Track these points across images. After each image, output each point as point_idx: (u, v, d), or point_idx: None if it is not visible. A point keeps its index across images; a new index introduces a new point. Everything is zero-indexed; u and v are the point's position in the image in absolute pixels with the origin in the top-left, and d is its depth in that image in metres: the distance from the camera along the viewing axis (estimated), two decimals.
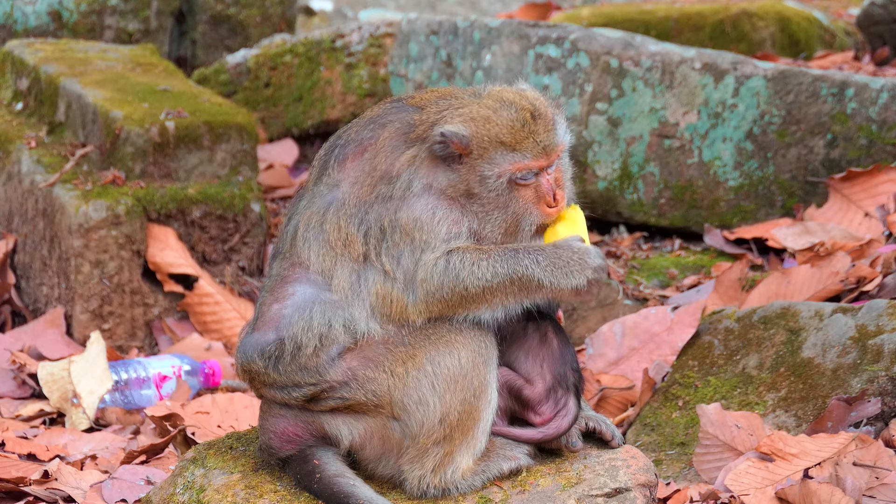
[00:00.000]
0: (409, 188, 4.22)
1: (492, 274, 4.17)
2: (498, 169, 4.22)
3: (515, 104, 4.26)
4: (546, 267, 4.17)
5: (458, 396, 4.16)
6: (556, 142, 4.26)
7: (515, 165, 4.22)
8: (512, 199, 4.24)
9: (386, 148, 4.27)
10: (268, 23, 9.59)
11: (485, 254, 4.18)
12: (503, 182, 4.22)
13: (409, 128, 4.29)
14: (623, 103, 7.21)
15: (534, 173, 4.24)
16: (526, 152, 4.22)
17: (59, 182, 7.00)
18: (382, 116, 4.37)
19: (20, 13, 9.13)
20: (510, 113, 4.24)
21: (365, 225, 4.22)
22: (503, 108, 4.25)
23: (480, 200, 4.24)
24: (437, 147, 4.21)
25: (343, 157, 4.32)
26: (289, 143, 8.47)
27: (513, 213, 4.25)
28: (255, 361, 4.26)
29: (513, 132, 4.22)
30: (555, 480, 4.28)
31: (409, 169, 4.23)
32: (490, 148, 4.22)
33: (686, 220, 7.21)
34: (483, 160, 4.22)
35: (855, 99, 6.94)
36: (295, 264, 4.29)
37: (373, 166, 4.26)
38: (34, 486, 5.13)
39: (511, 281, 4.17)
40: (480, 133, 4.22)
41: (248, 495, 4.28)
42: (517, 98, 4.28)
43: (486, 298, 4.18)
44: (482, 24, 7.60)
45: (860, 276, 5.95)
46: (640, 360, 5.89)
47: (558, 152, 4.27)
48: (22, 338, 6.81)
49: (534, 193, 4.26)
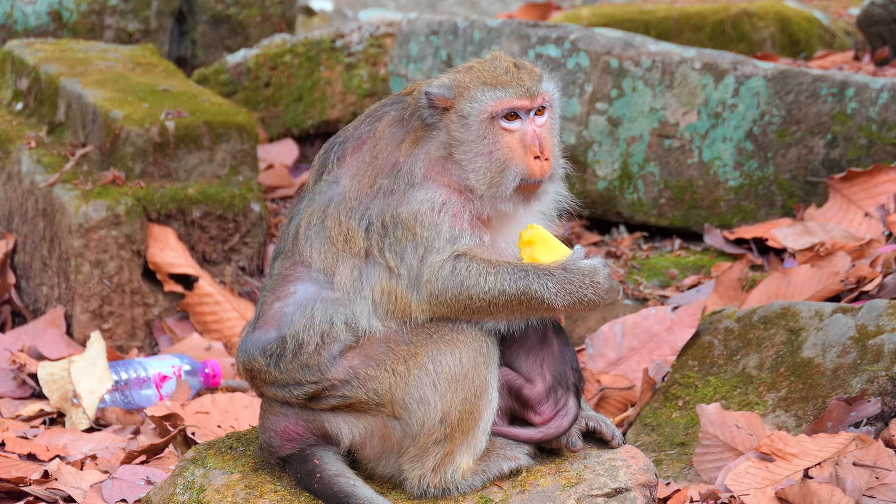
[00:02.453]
0: (410, 180, 4.21)
1: (499, 291, 4.15)
2: (479, 105, 4.19)
3: (500, 58, 4.28)
4: (557, 293, 4.15)
5: (459, 396, 4.16)
6: (539, 86, 4.23)
7: (498, 102, 4.18)
8: (496, 145, 4.20)
9: (385, 137, 4.27)
10: (268, 23, 9.59)
11: (493, 267, 4.16)
12: (485, 120, 4.18)
13: (404, 111, 4.29)
14: (623, 103, 7.21)
15: (519, 118, 4.20)
16: (508, 89, 4.19)
17: (59, 182, 7.00)
18: (379, 110, 4.38)
19: (20, 13, 9.13)
20: (494, 62, 4.27)
21: (366, 220, 4.22)
22: (487, 60, 4.28)
23: (464, 147, 4.20)
24: (425, 112, 4.21)
25: (342, 154, 4.32)
26: (289, 143, 8.47)
27: (496, 161, 4.20)
28: (257, 360, 4.26)
29: (495, 75, 4.21)
30: (555, 480, 4.28)
31: (411, 156, 4.23)
32: (472, 87, 4.20)
33: (686, 220, 7.21)
34: (464, 99, 4.19)
35: (855, 99, 6.94)
36: (297, 263, 4.29)
37: (373, 156, 4.26)
38: (34, 486, 5.13)
39: (519, 301, 4.16)
40: (462, 79, 4.23)
41: (248, 495, 4.28)
42: (503, 55, 4.30)
43: (492, 312, 4.17)
44: (482, 24, 7.60)
45: (860, 276, 5.95)
46: (640, 360, 5.89)
47: (543, 97, 4.23)
48: (22, 338, 6.81)
49: (519, 142, 4.21)
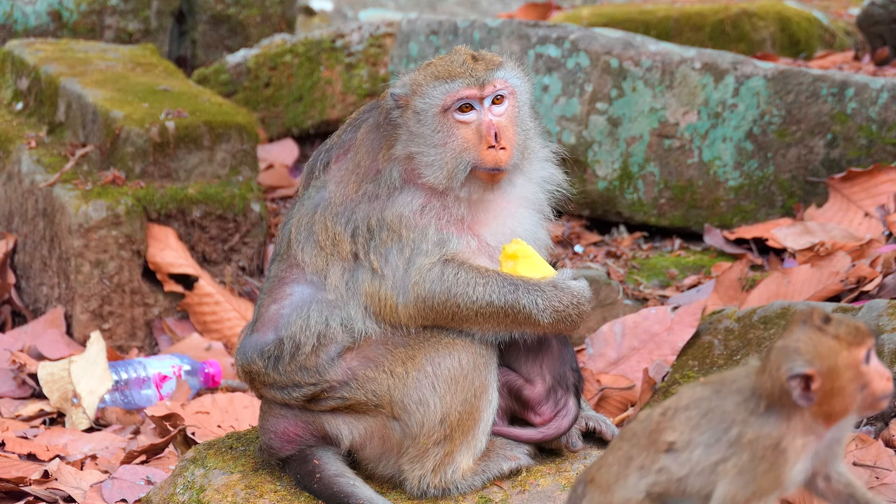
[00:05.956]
0: (391, 184, 4.21)
1: (487, 301, 4.14)
2: (430, 100, 4.18)
3: (459, 51, 4.28)
4: (544, 309, 4.16)
5: (459, 397, 4.16)
6: (492, 75, 4.20)
7: (448, 95, 4.17)
8: (450, 137, 4.19)
9: (365, 144, 4.28)
10: (268, 23, 9.59)
11: (483, 277, 4.15)
12: (437, 113, 4.18)
13: (378, 116, 4.30)
14: (623, 103, 7.21)
15: (474, 109, 4.19)
16: (458, 81, 4.18)
17: (59, 182, 7.00)
18: (359, 117, 4.42)
19: (20, 13, 9.13)
20: (452, 55, 4.26)
21: (352, 224, 4.22)
22: (448, 55, 4.28)
23: (420, 142, 4.20)
24: (393, 114, 4.23)
25: (328, 160, 4.35)
26: (289, 143, 8.47)
27: (451, 151, 4.18)
28: (255, 362, 4.27)
29: (449, 68, 4.21)
30: (555, 480, 4.28)
31: (388, 160, 4.24)
32: (424, 83, 4.20)
33: (686, 220, 7.21)
34: (418, 95, 4.19)
35: (855, 99, 6.93)
36: (292, 266, 4.30)
37: (356, 164, 4.28)
38: (34, 486, 5.13)
39: (506, 314, 4.16)
40: (417, 76, 4.23)
41: (248, 495, 4.28)
42: (466, 49, 4.29)
43: (478, 322, 4.17)
44: (482, 24, 7.60)
45: (860, 276, 5.95)
46: (640, 360, 5.89)
47: (495, 84, 4.20)
48: (22, 338, 6.81)
49: (474, 132, 4.19)
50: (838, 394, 3.31)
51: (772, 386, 3.35)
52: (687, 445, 3.39)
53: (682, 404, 3.44)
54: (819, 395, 3.32)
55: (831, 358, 3.31)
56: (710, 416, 3.40)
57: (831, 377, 3.31)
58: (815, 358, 3.31)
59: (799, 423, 3.34)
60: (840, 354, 3.30)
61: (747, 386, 3.40)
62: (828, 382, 3.31)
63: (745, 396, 3.39)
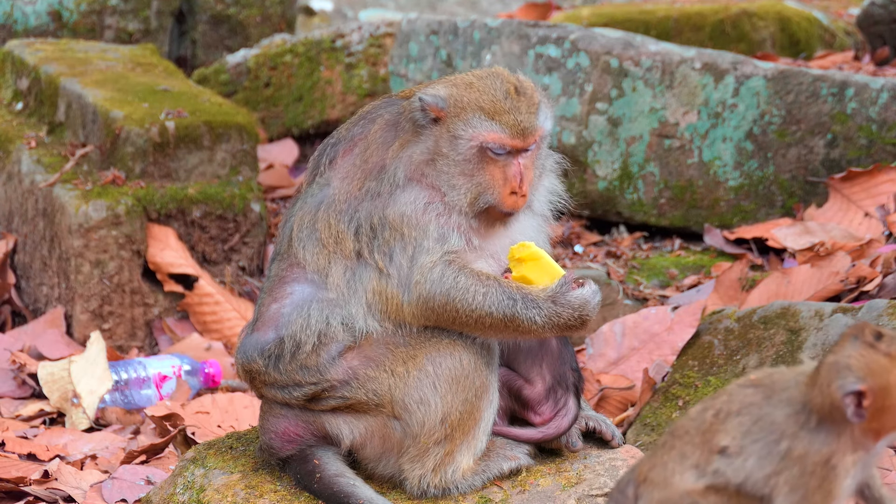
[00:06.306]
0: (394, 182, 4.20)
1: (486, 312, 4.13)
2: (473, 131, 4.15)
3: (501, 76, 4.23)
4: (544, 325, 4.14)
5: (460, 396, 4.16)
6: (535, 125, 4.19)
7: (491, 134, 4.15)
8: (479, 170, 4.18)
9: (376, 141, 4.26)
10: (268, 23, 9.59)
11: (483, 286, 4.13)
12: (475, 147, 4.16)
13: (398, 115, 4.28)
14: (623, 103, 7.21)
15: (507, 151, 4.20)
16: (504, 126, 4.16)
17: (59, 182, 7.00)
18: (373, 111, 4.37)
19: (20, 13, 9.13)
20: (494, 82, 4.21)
21: (355, 222, 4.21)
22: (488, 78, 4.23)
23: (448, 162, 4.18)
24: (417, 115, 4.19)
25: (333, 156, 4.32)
26: (289, 143, 8.47)
27: (477, 185, 4.18)
28: (256, 361, 4.26)
29: (494, 101, 4.17)
30: (555, 480, 4.28)
31: (396, 158, 4.22)
32: (468, 110, 4.16)
33: (686, 220, 7.20)
34: (459, 120, 4.16)
35: (855, 99, 6.93)
36: (292, 265, 4.29)
37: (363, 160, 4.25)
38: (34, 486, 5.13)
39: (505, 325, 4.15)
40: (460, 95, 4.18)
41: (248, 495, 4.28)
42: (504, 73, 4.25)
43: (479, 328, 4.16)
44: (482, 24, 7.60)
45: (860, 276, 5.95)
46: (640, 360, 5.88)
47: (536, 137, 4.21)
48: (22, 338, 6.81)
49: (501, 173, 4.19)
50: (889, 410, 3.32)
51: (822, 401, 3.35)
52: (740, 452, 3.41)
53: (734, 409, 3.44)
54: (870, 412, 3.32)
55: (884, 375, 3.31)
56: (762, 425, 3.40)
57: (883, 394, 3.31)
58: (868, 375, 3.31)
59: (849, 440, 3.35)
60: (892, 372, 3.31)
61: (797, 397, 3.41)
62: (879, 399, 3.31)
63: (796, 409, 3.39)
